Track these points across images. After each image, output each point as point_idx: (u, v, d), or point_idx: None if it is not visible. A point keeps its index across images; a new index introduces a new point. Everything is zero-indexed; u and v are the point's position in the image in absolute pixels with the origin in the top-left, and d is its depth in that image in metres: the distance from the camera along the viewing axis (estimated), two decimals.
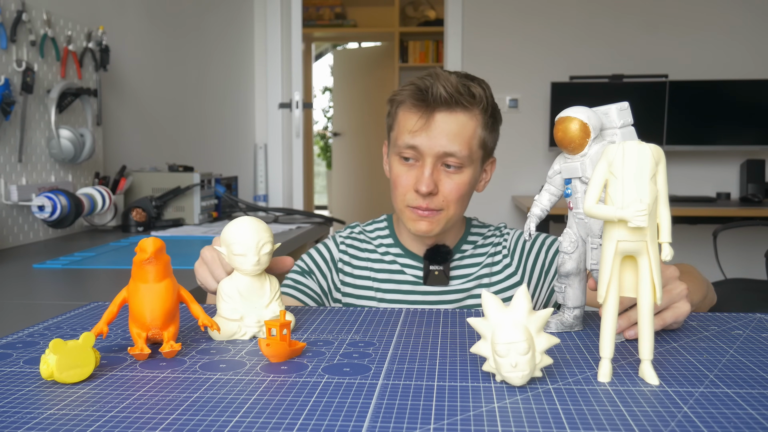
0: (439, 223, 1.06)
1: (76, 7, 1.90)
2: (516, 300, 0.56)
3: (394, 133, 1.09)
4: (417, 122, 1.02)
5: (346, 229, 1.22)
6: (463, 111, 1.03)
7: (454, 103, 1.01)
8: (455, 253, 1.14)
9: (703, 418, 0.49)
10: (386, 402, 0.53)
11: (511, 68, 3.62)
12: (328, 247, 1.18)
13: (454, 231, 1.14)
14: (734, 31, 3.47)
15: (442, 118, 1.02)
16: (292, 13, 3.20)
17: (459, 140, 1.02)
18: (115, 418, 0.50)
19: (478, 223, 1.21)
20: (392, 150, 1.09)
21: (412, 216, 1.06)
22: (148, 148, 2.39)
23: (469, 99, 1.02)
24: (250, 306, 0.73)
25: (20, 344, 0.71)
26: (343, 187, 5.98)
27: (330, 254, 1.17)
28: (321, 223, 2.14)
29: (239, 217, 0.74)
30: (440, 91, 1.00)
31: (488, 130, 1.08)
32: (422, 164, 1.03)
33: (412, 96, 1.03)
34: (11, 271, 1.27)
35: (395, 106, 1.09)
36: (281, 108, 3.47)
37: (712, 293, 0.94)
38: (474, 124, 1.04)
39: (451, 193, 1.04)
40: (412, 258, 1.14)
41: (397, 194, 1.08)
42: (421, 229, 1.06)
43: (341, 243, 1.18)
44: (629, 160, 0.55)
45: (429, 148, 1.02)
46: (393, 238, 1.17)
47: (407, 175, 1.05)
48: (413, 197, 1.05)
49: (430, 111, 1.02)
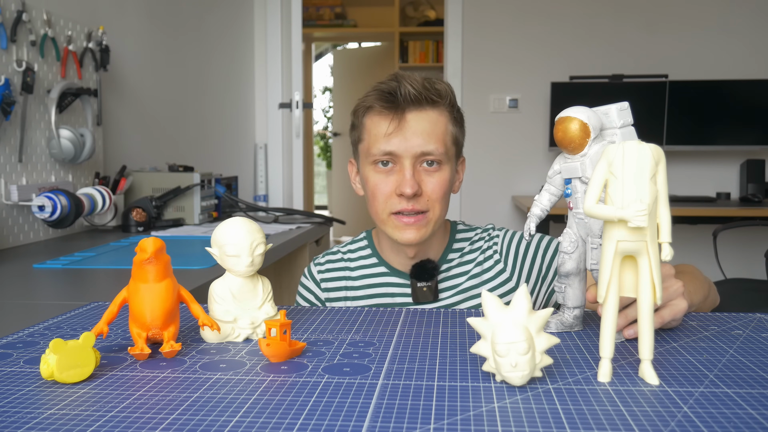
0: (427, 226, 1.03)
1: (76, 7, 1.90)
2: (516, 300, 0.56)
3: (364, 144, 1.06)
4: (389, 125, 1.01)
5: (324, 257, 1.18)
6: (432, 107, 1.02)
7: (423, 100, 1.01)
8: (441, 264, 1.10)
9: (703, 418, 0.49)
10: (386, 402, 0.53)
11: (511, 68, 3.62)
12: (309, 290, 1.16)
13: (437, 240, 1.10)
14: (734, 31, 3.47)
15: (413, 118, 1.01)
16: (292, 13, 3.20)
17: (434, 138, 1.01)
18: (115, 418, 0.50)
19: (464, 226, 1.17)
20: (365, 161, 1.06)
21: (397, 224, 1.03)
22: (148, 148, 2.39)
23: (436, 94, 1.02)
24: (243, 308, 0.73)
25: (20, 344, 0.71)
26: (343, 187, 5.98)
27: (315, 297, 1.15)
28: (321, 223, 2.14)
29: (231, 217, 0.74)
30: (408, 89, 1.00)
31: (457, 126, 1.07)
32: (401, 167, 1.01)
33: (380, 99, 1.02)
34: (11, 271, 1.27)
35: (361, 115, 1.06)
36: (281, 108, 3.47)
37: (715, 294, 0.93)
38: (444, 119, 1.03)
39: (435, 191, 1.02)
40: (398, 275, 1.11)
41: (377, 204, 1.04)
42: (408, 238, 1.02)
43: (321, 280, 1.15)
44: (629, 160, 0.55)
45: (406, 150, 1.00)
46: (377, 257, 1.14)
47: (386, 182, 1.03)
48: (396, 202, 1.02)
49: (400, 112, 1.01)
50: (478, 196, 3.66)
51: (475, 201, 3.66)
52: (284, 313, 0.66)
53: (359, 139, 1.08)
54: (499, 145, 3.65)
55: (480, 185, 3.64)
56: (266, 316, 0.73)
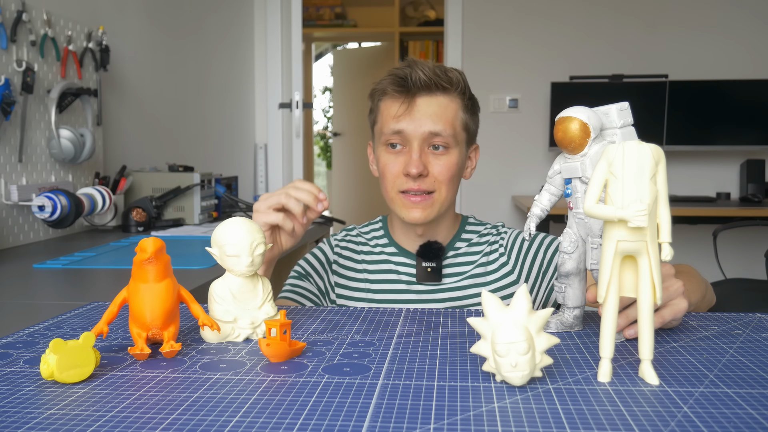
0: (433, 207, 1.07)
1: (76, 7, 1.90)
2: (516, 300, 0.56)
3: (378, 126, 1.12)
4: (400, 108, 1.06)
5: (342, 232, 1.24)
6: (443, 93, 1.07)
7: (434, 86, 1.06)
8: (449, 250, 1.14)
9: (703, 418, 0.49)
10: (386, 402, 0.53)
11: (511, 68, 3.62)
12: (323, 250, 1.20)
13: (446, 226, 1.15)
14: (734, 31, 3.47)
15: (423, 102, 1.06)
16: (292, 13, 3.20)
17: (442, 120, 1.06)
18: (115, 418, 0.50)
19: (475, 221, 1.21)
20: (378, 142, 1.12)
21: (404, 203, 1.08)
22: (148, 148, 2.39)
23: (447, 81, 1.06)
24: (243, 308, 0.73)
25: (20, 344, 0.71)
26: (343, 187, 5.98)
27: (325, 257, 1.19)
28: (321, 223, 2.14)
29: (231, 217, 0.74)
30: (419, 75, 1.05)
31: (469, 113, 1.11)
32: (409, 149, 1.06)
33: (393, 84, 1.08)
34: (11, 271, 1.27)
35: (377, 98, 1.12)
36: (281, 108, 3.47)
37: (711, 294, 0.94)
38: (455, 105, 1.08)
39: (441, 173, 1.07)
40: (406, 256, 1.15)
41: (387, 183, 1.10)
42: (414, 217, 1.07)
43: (336, 245, 1.20)
44: (629, 160, 0.55)
45: (414, 130, 1.05)
46: (387, 237, 1.19)
47: (395, 162, 1.08)
48: (403, 181, 1.07)
49: (411, 96, 1.06)
50: (478, 196, 3.66)
51: (475, 201, 3.66)
52: (284, 313, 0.66)
53: (374, 122, 1.14)
54: (499, 145, 3.65)
55: (480, 185, 3.64)
56: (266, 316, 0.73)
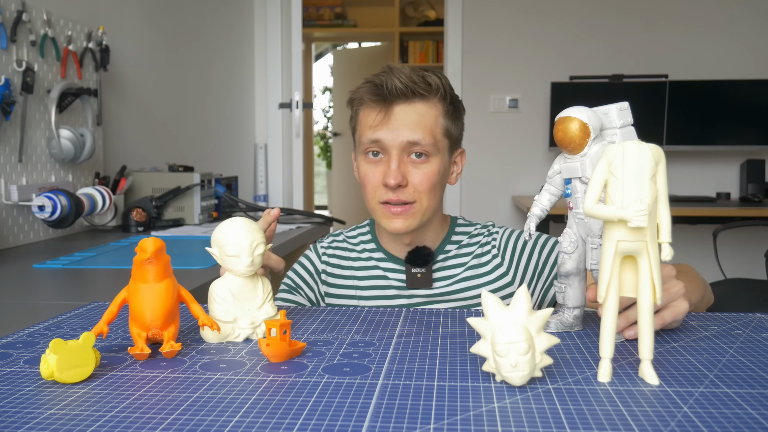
0: (414, 217, 1.04)
1: (76, 7, 1.90)
2: (516, 300, 0.56)
3: (357, 134, 1.09)
4: (377, 117, 1.03)
5: (328, 237, 1.21)
6: (422, 100, 1.03)
7: (411, 94, 1.02)
8: (438, 254, 1.12)
9: (703, 418, 0.49)
10: (386, 402, 0.53)
11: (511, 68, 3.62)
12: (310, 260, 1.18)
13: (434, 231, 1.12)
14: (734, 31, 3.47)
15: (401, 110, 1.03)
16: (292, 14, 3.20)
17: (421, 128, 1.02)
18: (115, 418, 0.50)
19: (464, 221, 1.18)
20: (358, 150, 1.09)
21: (385, 213, 1.05)
22: (149, 148, 2.39)
23: (425, 88, 1.03)
24: (243, 308, 0.73)
25: (20, 344, 0.71)
26: (343, 187, 5.98)
27: (313, 266, 1.17)
28: (321, 223, 2.14)
29: (231, 218, 0.74)
30: (395, 83, 1.01)
31: (450, 118, 1.07)
32: (388, 158, 1.04)
33: (369, 92, 1.05)
34: (11, 271, 1.27)
35: (355, 107, 1.10)
36: (281, 108, 3.47)
37: (710, 293, 0.94)
38: (435, 112, 1.04)
39: (421, 183, 1.04)
40: (394, 262, 1.12)
41: (367, 193, 1.07)
42: (396, 227, 1.04)
43: (323, 254, 1.18)
44: (629, 160, 0.55)
45: (392, 140, 1.02)
46: (375, 243, 1.16)
47: (375, 172, 1.05)
48: (383, 192, 1.04)
49: (388, 105, 1.03)
50: (478, 196, 3.66)
51: (475, 201, 3.66)
52: (284, 313, 0.66)
53: (354, 129, 1.11)
54: (499, 145, 3.65)
55: (480, 185, 3.64)
56: (266, 316, 0.73)
